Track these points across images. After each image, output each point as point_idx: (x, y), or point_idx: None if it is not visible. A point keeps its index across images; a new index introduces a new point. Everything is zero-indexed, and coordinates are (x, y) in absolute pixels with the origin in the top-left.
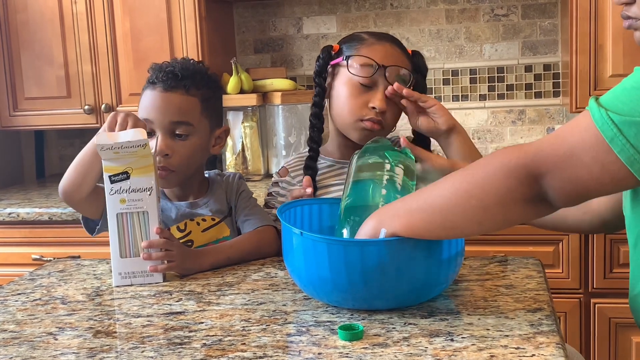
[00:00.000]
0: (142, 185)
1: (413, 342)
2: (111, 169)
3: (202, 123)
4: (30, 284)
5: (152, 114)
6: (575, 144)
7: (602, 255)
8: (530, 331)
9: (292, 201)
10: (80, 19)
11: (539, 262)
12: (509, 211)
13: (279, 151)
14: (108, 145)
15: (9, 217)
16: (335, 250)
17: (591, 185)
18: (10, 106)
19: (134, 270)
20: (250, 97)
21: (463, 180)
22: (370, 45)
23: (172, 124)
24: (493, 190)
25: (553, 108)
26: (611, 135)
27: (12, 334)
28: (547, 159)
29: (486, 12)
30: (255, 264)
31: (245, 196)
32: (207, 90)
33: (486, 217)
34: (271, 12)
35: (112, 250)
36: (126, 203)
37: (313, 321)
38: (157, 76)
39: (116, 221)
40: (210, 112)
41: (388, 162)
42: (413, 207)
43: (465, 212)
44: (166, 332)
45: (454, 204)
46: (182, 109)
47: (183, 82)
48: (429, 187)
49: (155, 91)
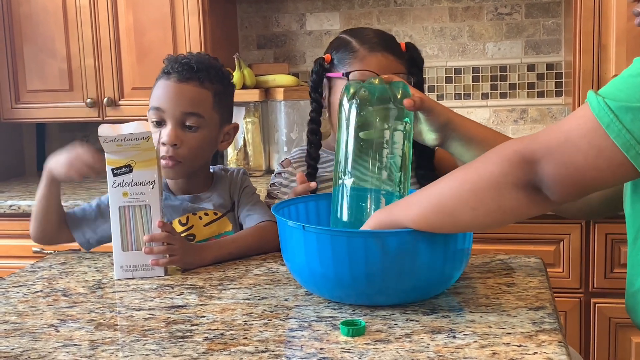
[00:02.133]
0: (145, 178)
1: (415, 338)
2: (114, 162)
3: (212, 117)
4: (32, 276)
5: (164, 104)
6: (571, 130)
7: (603, 255)
8: (533, 329)
9: (288, 200)
10: (83, 13)
11: (541, 260)
12: (502, 197)
13: (281, 147)
14: (111, 138)
15: (10, 210)
16: (338, 242)
17: (588, 172)
18: (13, 99)
19: (136, 264)
20: (253, 92)
21: (461, 169)
22: (363, 60)
23: (183, 114)
24: (487, 174)
25: (555, 107)
26: (607, 120)
27: (14, 325)
28: (542, 144)
29: (490, 11)
30: (256, 259)
31: (248, 192)
32: (220, 85)
33: (479, 202)
34: (274, 7)
35: (114, 244)
36: (129, 196)
37: (315, 316)
38: (172, 66)
39: (118, 214)
40: (222, 107)
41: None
42: (414, 198)
43: (459, 197)
44: (168, 326)
45: (448, 188)
46: (195, 100)
47: (198, 75)
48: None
49: (170, 81)
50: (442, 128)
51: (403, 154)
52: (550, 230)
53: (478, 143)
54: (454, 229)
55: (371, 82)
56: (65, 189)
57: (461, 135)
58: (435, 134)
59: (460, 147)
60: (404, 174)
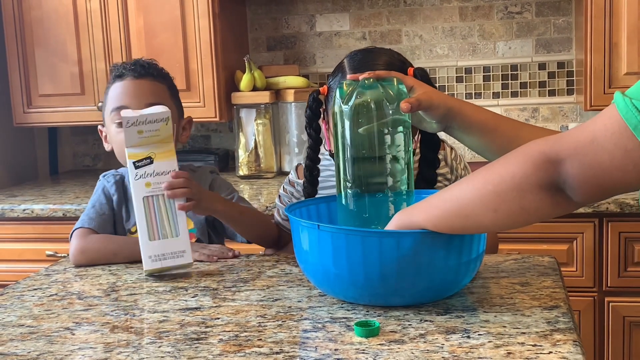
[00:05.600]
0: (166, 168)
1: (429, 338)
2: (135, 156)
3: (172, 109)
4: (46, 280)
5: (126, 100)
6: (597, 131)
7: (617, 253)
8: (547, 328)
9: (299, 201)
10: (94, 16)
11: (554, 260)
12: (524, 198)
13: (292, 148)
14: (133, 119)
15: (23, 213)
16: (353, 242)
17: (613, 173)
18: (25, 103)
19: (164, 252)
20: (263, 94)
21: (482, 170)
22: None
23: (148, 106)
24: (509, 175)
25: (567, 106)
26: (635, 122)
27: (30, 328)
28: (567, 144)
29: (500, 10)
30: (269, 260)
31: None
32: (170, 80)
33: (501, 203)
34: (284, 9)
35: (141, 235)
36: (151, 186)
37: (329, 317)
38: (123, 68)
39: (143, 206)
40: (176, 100)
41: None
42: (435, 200)
43: (480, 198)
44: (182, 328)
45: (470, 190)
46: (155, 93)
47: (150, 71)
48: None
49: (126, 81)
50: (441, 119)
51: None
52: (564, 229)
53: (478, 128)
54: (475, 231)
55: (364, 84)
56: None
57: (460, 123)
58: (435, 123)
59: (460, 133)
60: (408, 174)
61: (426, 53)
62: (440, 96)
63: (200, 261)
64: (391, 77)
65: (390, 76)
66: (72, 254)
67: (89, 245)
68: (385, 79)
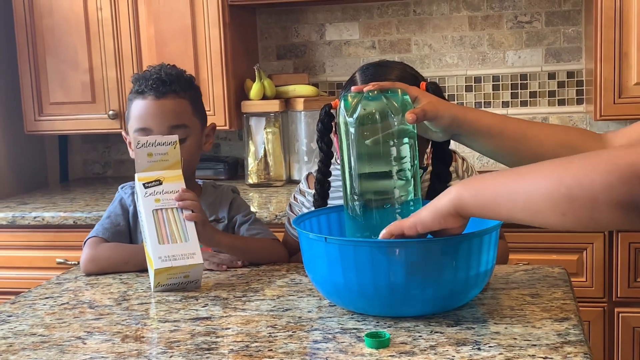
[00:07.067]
0: (174, 188)
1: (440, 350)
2: (145, 179)
3: (195, 123)
4: (57, 288)
5: (149, 122)
6: None
7: (627, 264)
8: (558, 341)
9: (310, 211)
10: (105, 25)
11: (565, 271)
12: (597, 210)
13: (301, 157)
14: (143, 142)
15: (34, 221)
16: (361, 253)
17: None
18: (36, 111)
19: (174, 254)
20: (273, 103)
21: (558, 164)
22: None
23: (170, 128)
24: (588, 180)
25: (576, 115)
26: None
27: (42, 337)
28: None
29: (509, 19)
30: (280, 270)
31: (242, 210)
32: (192, 91)
33: (571, 209)
34: (294, 18)
35: (150, 241)
36: (161, 202)
37: (339, 328)
38: (145, 85)
39: (152, 217)
40: (199, 111)
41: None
42: (500, 188)
43: (551, 199)
44: (193, 337)
45: (543, 187)
46: (177, 112)
47: (172, 87)
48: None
49: (147, 100)
50: (447, 127)
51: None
52: (574, 240)
53: (484, 134)
54: (539, 226)
55: (369, 95)
56: (88, 199)
57: (466, 130)
58: (441, 132)
59: (467, 140)
60: (415, 184)
61: (436, 62)
62: (445, 105)
63: (209, 270)
64: (395, 88)
65: (394, 87)
66: (82, 262)
67: (100, 254)
68: (390, 90)
